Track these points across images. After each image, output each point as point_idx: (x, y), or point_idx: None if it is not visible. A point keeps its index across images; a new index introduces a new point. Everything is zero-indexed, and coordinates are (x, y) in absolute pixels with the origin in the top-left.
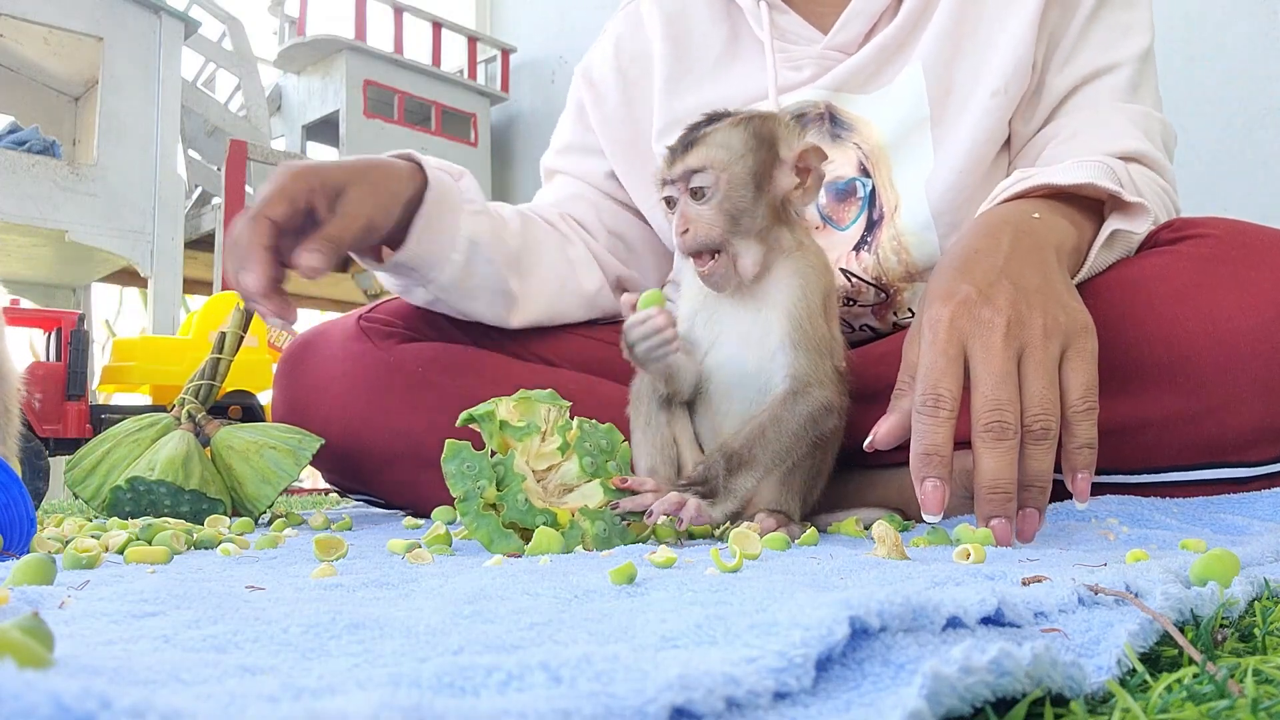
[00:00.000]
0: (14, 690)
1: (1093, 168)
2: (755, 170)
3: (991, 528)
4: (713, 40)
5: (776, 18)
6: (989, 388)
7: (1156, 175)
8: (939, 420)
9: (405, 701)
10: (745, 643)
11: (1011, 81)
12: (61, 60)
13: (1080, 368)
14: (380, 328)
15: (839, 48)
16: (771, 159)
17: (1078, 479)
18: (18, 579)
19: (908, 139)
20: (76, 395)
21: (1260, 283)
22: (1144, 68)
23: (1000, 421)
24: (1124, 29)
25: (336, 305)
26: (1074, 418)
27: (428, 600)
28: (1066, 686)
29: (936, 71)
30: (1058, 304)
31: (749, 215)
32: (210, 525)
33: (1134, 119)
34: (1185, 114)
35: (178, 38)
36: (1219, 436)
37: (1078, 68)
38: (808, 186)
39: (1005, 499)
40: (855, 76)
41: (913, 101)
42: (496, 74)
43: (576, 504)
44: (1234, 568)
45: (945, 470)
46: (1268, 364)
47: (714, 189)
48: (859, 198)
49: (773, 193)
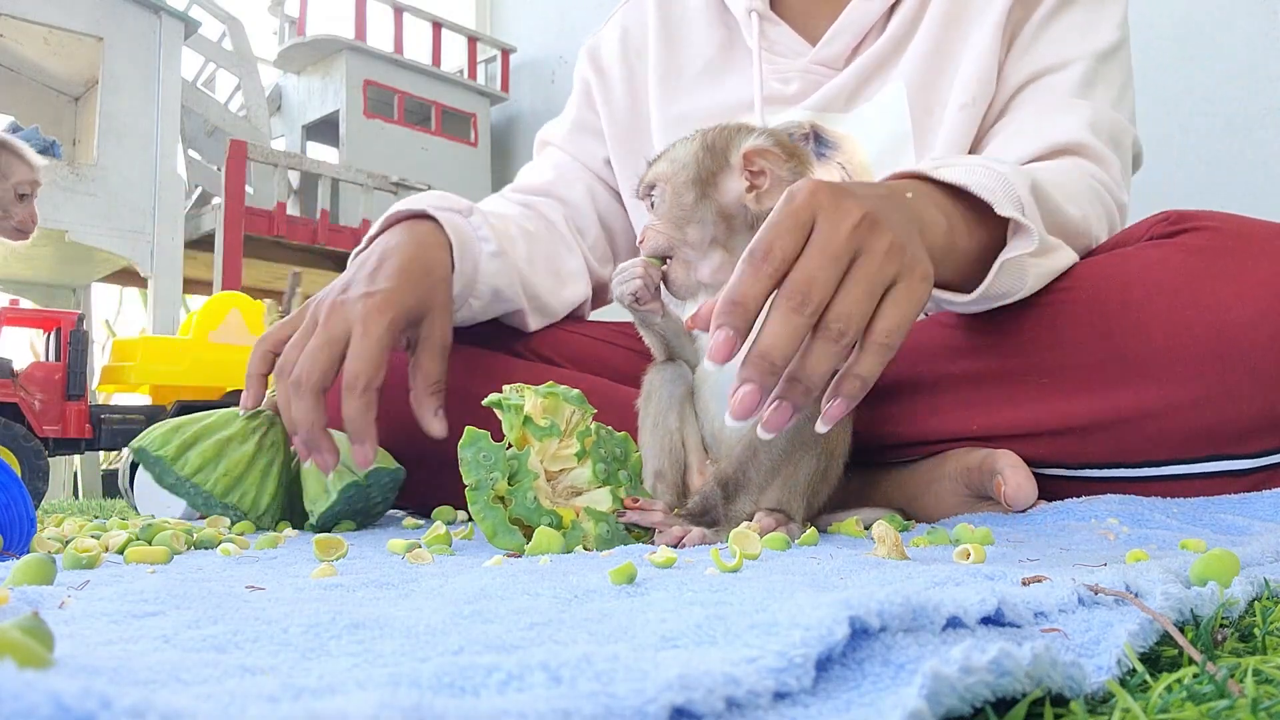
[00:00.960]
0: (14, 690)
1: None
2: (697, 177)
3: (738, 398)
4: (706, 45)
5: (767, 28)
6: (814, 264)
7: (1094, 168)
8: (760, 275)
9: (405, 701)
10: (745, 643)
11: (978, 94)
12: (61, 60)
13: (902, 302)
14: None
15: (825, 62)
16: (718, 165)
17: (835, 403)
18: (18, 579)
19: (892, 155)
20: (76, 395)
21: (1257, 274)
22: (1101, 67)
23: (807, 296)
24: (1084, 27)
25: None
26: (869, 347)
27: (428, 600)
28: (1066, 686)
29: (918, 91)
30: (911, 239)
31: (695, 222)
32: (210, 525)
33: (1079, 114)
34: (1185, 114)
35: (178, 38)
36: (1217, 427)
37: (1030, 63)
38: (764, 189)
39: (769, 370)
40: (839, 97)
41: (895, 118)
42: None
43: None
44: (1234, 568)
45: (745, 324)
46: (1265, 355)
47: (660, 199)
48: None
49: (720, 198)
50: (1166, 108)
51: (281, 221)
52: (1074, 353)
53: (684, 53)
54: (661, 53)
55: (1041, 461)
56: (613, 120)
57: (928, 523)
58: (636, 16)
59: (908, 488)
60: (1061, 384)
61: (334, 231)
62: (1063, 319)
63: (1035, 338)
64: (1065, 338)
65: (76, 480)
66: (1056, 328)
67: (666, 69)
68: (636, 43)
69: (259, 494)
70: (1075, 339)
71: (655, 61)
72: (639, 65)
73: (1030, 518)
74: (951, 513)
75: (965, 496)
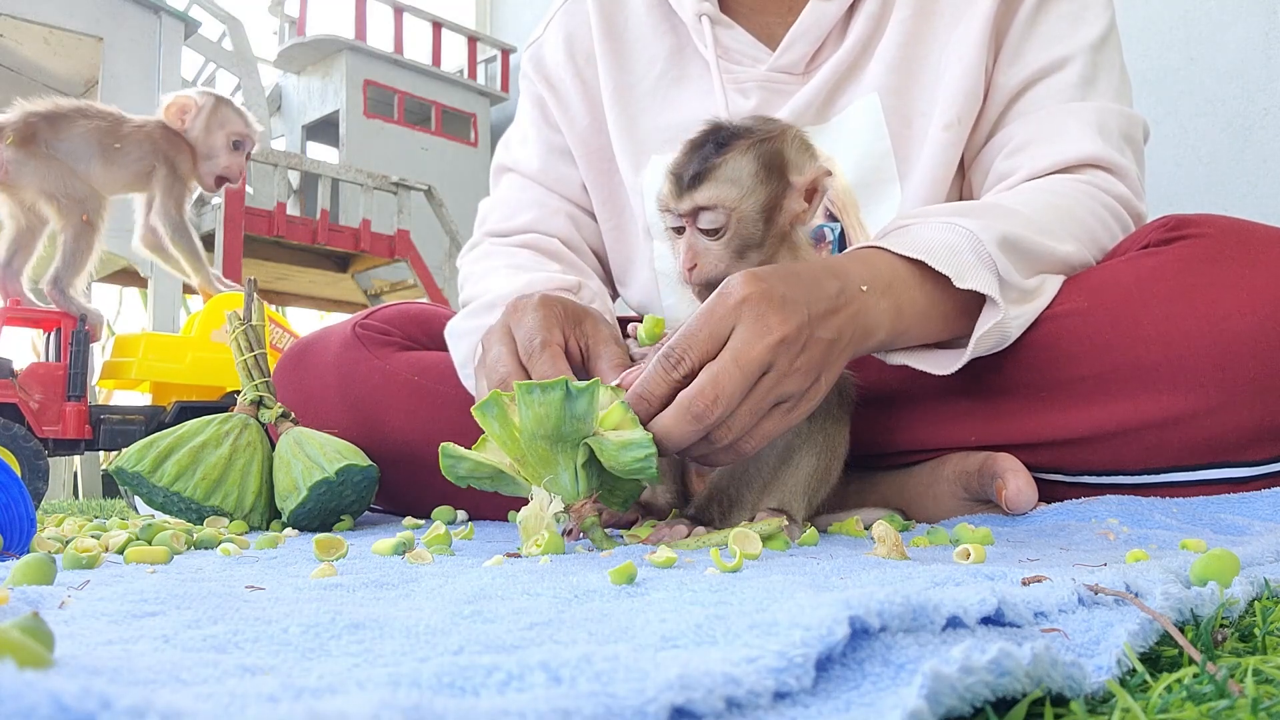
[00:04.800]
0: (14, 690)
1: (950, 233)
2: (765, 203)
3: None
4: (655, 51)
5: (720, 33)
6: (723, 378)
7: (1109, 182)
8: (669, 380)
9: (405, 701)
10: (745, 643)
11: (964, 112)
12: (61, 60)
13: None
14: (376, 335)
15: (785, 69)
16: (782, 188)
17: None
18: (18, 579)
19: (873, 175)
20: (76, 396)
21: (1255, 281)
22: (1098, 58)
23: (706, 411)
24: (1074, 18)
25: (336, 305)
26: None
27: (428, 600)
28: (1066, 686)
29: (893, 102)
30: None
31: (756, 248)
32: (210, 525)
33: (1086, 119)
34: (1185, 114)
35: (178, 38)
36: (1218, 437)
37: (1024, 65)
38: (812, 207)
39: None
40: (808, 109)
41: (872, 133)
42: (496, 74)
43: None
44: (1234, 568)
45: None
46: (1265, 364)
47: (724, 228)
48: (828, 242)
49: (783, 220)
50: (1166, 108)
51: (281, 221)
52: (1071, 366)
53: (634, 64)
54: (610, 63)
55: (1040, 468)
56: (579, 139)
57: (927, 523)
58: (578, 19)
59: (907, 490)
60: (1060, 397)
61: (334, 231)
62: (1060, 332)
63: (1032, 352)
64: (1062, 351)
65: (76, 480)
66: (1054, 341)
67: (617, 83)
68: (583, 48)
69: (242, 494)
70: (1072, 352)
71: (605, 73)
72: (589, 73)
73: (1030, 518)
74: (950, 515)
75: (964, 500)
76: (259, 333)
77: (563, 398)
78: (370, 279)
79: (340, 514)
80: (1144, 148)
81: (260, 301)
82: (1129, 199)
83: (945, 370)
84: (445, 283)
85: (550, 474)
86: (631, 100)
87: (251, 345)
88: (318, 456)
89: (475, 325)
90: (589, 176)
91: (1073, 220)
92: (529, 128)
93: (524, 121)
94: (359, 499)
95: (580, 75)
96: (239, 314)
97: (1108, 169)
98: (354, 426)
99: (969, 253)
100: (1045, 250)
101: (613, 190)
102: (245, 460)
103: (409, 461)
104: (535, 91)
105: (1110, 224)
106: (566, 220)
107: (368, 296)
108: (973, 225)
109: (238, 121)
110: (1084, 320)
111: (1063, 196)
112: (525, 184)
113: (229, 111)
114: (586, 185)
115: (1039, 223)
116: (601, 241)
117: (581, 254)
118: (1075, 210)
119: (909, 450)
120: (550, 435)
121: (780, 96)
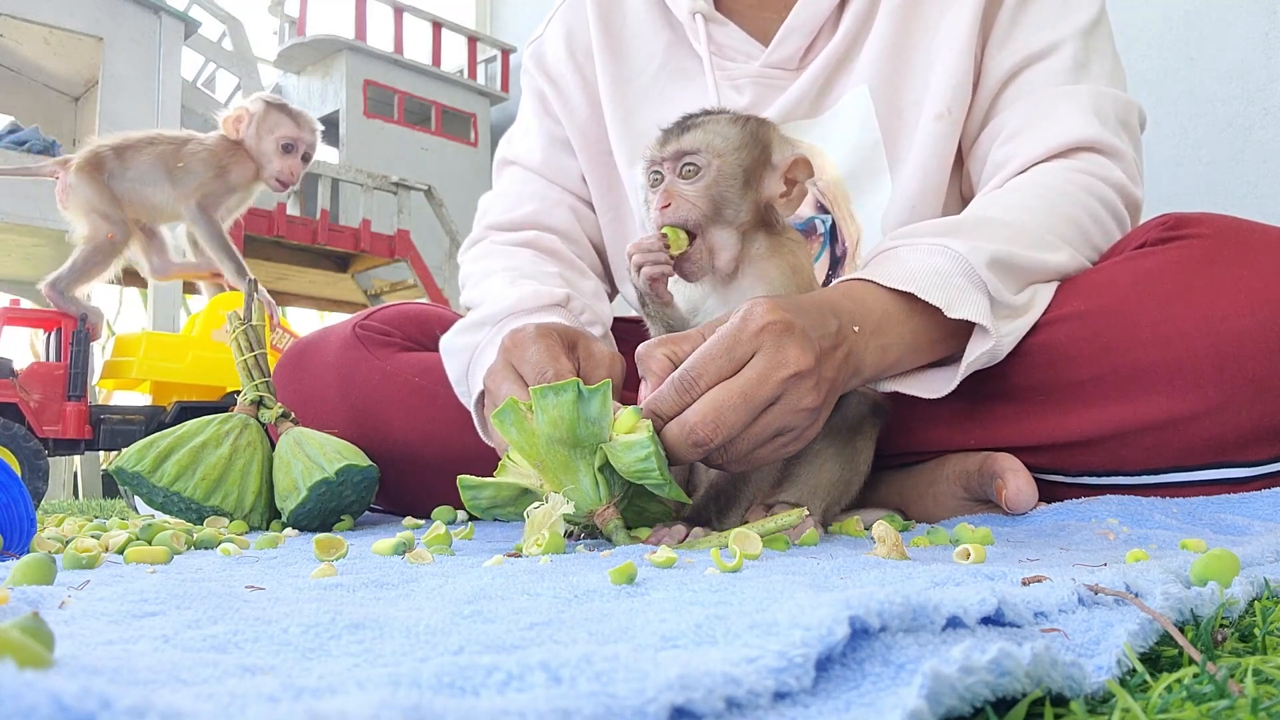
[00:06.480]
0: (14, 690)
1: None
2: (747, 166)
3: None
4: (652, 48)
5: (714, 30)
6: (731, 407)
7: (1105, 168)
8: (681, 400)
9: (405, 701)
10: (745, 643)
11: (954, 102)
12: (61, 60)
13: (777, 450)
14: (376, 336)
15: (778, 64)
16: (764, 160)
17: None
18: (18, 579)
19: (864, 166)
20: (76, 396)
21: (1254, 282)
22: (1090, 42)
23: (709, 437)
24: (1062, 4)
25: (336, 305)
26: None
27: (428, 600)
28: (1066, 686)
29: (883, 93)
30: (829, 398)
31: (733, 207)
32: (210, 525)
33: (1081, 102)
34: (1185, 114)
35: (178, 38)
36: (1218, 437)
37: (1015, 50)
38: (791, 197)
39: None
40: (801, 103)
41: (861, 125)
42: (496, 74)
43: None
44: (1234, 568)
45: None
46: (1264, 364)
47: (705, 171)
48: (820, 234)
49: (759, 194)
50: (1166, 108)
51: (281, 221)
52: (1071, 369)
53: (631, 60)
54: (607, 59)
55: (1040, 469)
56: (579, 130)
57: (927, 523)
58: (578, 16)
59: (907, 490)
60: (1059, 400)
61: (334, 231)
62: (1059, 336)
63: (1032, 355)
64: (1061, 355)
65: (76, 480)
66: (1053, 344)
67: (615, 79)
68: (583, 43)
69: (242, 493)
70: (1072, 355)
71: (602, 68)
72: (589, 67)
73: (1030, 518)
74: (950, 515)
75: (964, 499)
76: (259, 333)
77: (575, 399)
78: (370, 279)
79: (340, 514)
80: (1140, 134)
81: (260, 302)
82: (1125, 185)
83: (935, 394)
84: (445, 283)
85: (571, 482)
86: (628, 96)
87: (251, 345)
88: (318, 456)
89: (465, 343)
90: (588, 168)
91: (1067, 222)
92: (530, 120)
93: (526, 115)
94: (359, 499)
95: (580, 70)
96: (239, 314)
97: (1103, 152)
98: (354, 427)
99: (959, 275)
100: (1037, 264)
101: (611, 183)
102: (245, 460)
103: (409, 461)
104: (536, 85)
105: (1106, 221)
106: (568, 212)
107: (368, 296)
108: (961, 247)
109: (287, 125)
110: (1083, 323)
111: (1057, 194)
112: (527, 176)
113: (278, 116)
114: (586, 177)
115: (1031, 233)
116: (599, 231)
117: (581, 248)
118: (1069, 210)
119: (909, 452)
120: (567, 439)
121: (773, 92)
